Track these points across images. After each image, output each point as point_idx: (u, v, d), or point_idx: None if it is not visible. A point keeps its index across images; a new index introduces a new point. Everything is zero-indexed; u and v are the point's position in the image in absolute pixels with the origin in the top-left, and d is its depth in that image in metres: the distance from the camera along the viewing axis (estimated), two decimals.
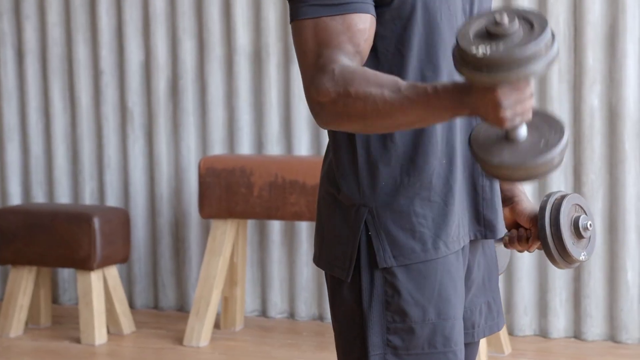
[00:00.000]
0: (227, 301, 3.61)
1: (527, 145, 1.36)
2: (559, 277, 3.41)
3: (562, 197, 1.61)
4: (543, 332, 3.46)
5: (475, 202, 1.57)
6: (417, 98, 1.36)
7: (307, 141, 3.69)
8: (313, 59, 1.43)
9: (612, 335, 3.38)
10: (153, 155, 3.88)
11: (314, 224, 3.69)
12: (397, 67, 1.49)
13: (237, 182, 3.45)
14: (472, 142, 1.40)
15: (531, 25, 1.33)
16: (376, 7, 1.47)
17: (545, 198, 1.62)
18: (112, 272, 3.57)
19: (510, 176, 1.38)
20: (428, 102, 1.36)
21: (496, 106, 1.32)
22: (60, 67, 3.98)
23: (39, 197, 4.05)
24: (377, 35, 1.48)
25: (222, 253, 3.46)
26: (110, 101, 3.93)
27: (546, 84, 3.38)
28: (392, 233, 1.48)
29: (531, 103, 1.35)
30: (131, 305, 3.90)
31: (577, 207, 1.63)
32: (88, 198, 3.97)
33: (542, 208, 1.60)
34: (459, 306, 1.51)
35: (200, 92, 3.82)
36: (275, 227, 3.75)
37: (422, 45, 1.49)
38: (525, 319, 3.46)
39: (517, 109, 1.33)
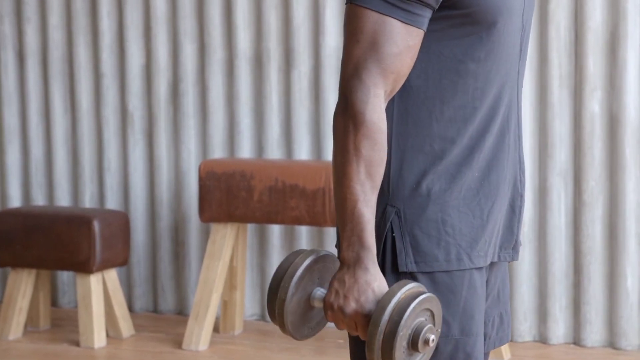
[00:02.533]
0: (226, 305, 3.60)
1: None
2: (559, 283, 3.41)
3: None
4: (542, 338, 3.46)
5: (511, 223, 1.56)
6: (355, 214, 1.40)
7: (307, 146, 3.69)
8: (360, 55, 1.42)
9: (612, 342, 3.38)
10: (153, 159, 3.88)
11: (313, 228, 3.70)
12: (450, 71, 1.48)
13: (237, 186, 3.45)
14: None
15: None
16: (445, 9, 1.45)
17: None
18: (112, 275, 3.57)
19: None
20: (350, 227, 1.41)
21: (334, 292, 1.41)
22: (61, 70, 3.98)
23: (38, 199, 4.04)
24: (437, 39, 1.46)
25: (222, 257, 3.46)
26: (110, 104, 3.93)
27: (547, 90, 3.39)
28: (417, 238, 1.46)
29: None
30: (130, 308, 3.89)
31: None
32: (88, 201, 3.97)
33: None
34: (481, 322, 1.50)
35: (200, 95, 3.82)
36: (275, 231, 3.75)
37: (489, 53, 1.49)
38: (525, 325, 3.46)
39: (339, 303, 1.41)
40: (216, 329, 3.63)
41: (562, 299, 3.42)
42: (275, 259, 3.75)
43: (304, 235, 3.73)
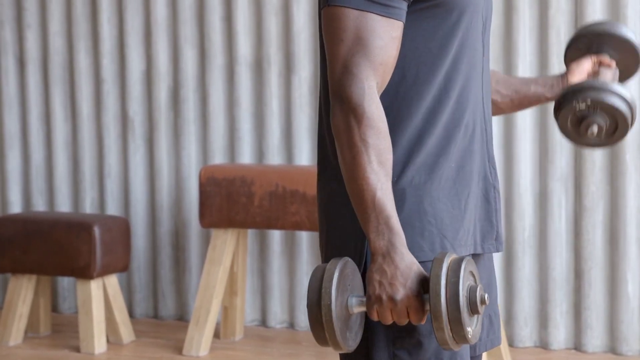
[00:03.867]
0: (226, 311, 3.60)
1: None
2: (560, 288, 3.41)
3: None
4: (543, 344, 3.46)
5: (489, 214, 1.57)
6: (375, 203, 1.41)
7: (307, 151, 3.69)
8: (346, 53, 1.44)
9: (613, 347, 3.37)
10: (154, 164, 3.88)
11: (314, 234, 3.70)
12: (430, 66, 1.50)
13: (237, 191, 3.45)
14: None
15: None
16: (415, 4, 1.48)
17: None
18: (112, 281, 3.57)
19: None
20: (374, 217, 1.41)
21: (375, 281, 1.40)
22: (62, 76, 3.98)
23: (39, 205, 4.04)
24: (409, 37, 1.49)
25: (222, 262, 3.46)
26: (111, 110, 3.93)
27: None
28: (401, 229, 1.46)
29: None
30: (131, 314, 3.89)
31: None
32: (88, 207, 3.97)
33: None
34: None
35: (201, 101, 3.82)
36: (276, 236, 3.75)
37: (458, 47, 1.52)
38: (526, 330, 3.45)
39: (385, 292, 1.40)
40: (216, 335, 3.63)
41: (563, 304, 3.42)
42: (276, 265, 3.75)
43: (304, 241, 3.73)
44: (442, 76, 1.50)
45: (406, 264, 1.39)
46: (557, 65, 3.36)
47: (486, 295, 1.39)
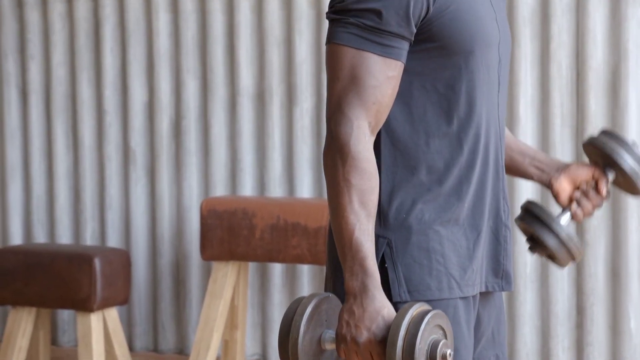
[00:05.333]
0: (227, 344, 3.58)
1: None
2: (562, 324, 3.39)
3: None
4: None
5: (497, 252, 1.57)
6: (352, 243, 1.42)
7: (309, 183, 3.69)
8: (340, 91, 1.46)
9: None
10: (155, 196, 3.88)
11: (315, 267, 3.69)
12: (432, 103, 1.50)
13: (239, 224, 3.45)
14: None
15: None
16: (419, 43, 1.47)
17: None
18: (112, 314, 3.55)
19: None
20: (350, 257, 1.42)
21: (344, 320, 1.41)
22: (64, 107, 3.99)
23: (40, 237, 4.04)
24: (415, 73, 1.49)
25: (223, 296, 3.45)
26: (113, 141, 3.93)
27: (549, 129, 3.38)
28: (409, 267, 1.48)
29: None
30: (131, 347, 3.87)
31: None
32: (89, 238, 3.97)
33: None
34: (466, 356, 1.50)
35: (203, 132, 3.82)
36: (277, 269, 3.74)
37: (468, 86, 1.51)
38: None
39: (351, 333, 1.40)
40: None
41: (565, 340, 3.39)
42: (277, 298, 3.73)
43: (305, 274, 3.72)
44: (453, 115, 1.50)
45: (375, 307, 1.39)
46: (558, 100, 3.36)
47: (449, 352, 1.37)
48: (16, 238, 4.07)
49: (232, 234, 3.45)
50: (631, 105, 3.29)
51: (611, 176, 1.70)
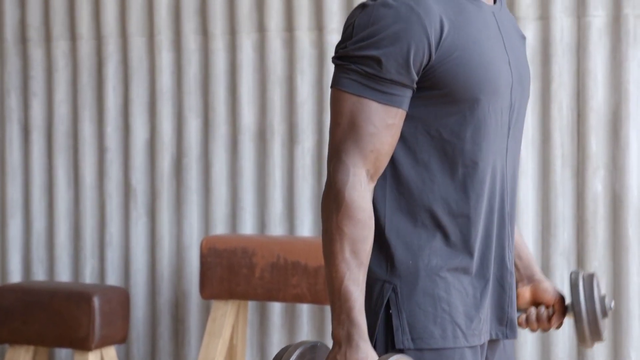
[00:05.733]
0: None
1: None
2: None
3: (591, 276, 1.58)
4: None
5: (502, 300, 1.56)
6: (342, 292, 1.42)
7: (309, 222, 3.68)
8: (340, 138, 1.46)
9: None
10: (155, 234, 3.87)
11: (315, 306, 3.67)
12: (436, 149, 1.49)
13: (238, 262, 3.43)
14: None
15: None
16: (423, 90, 1.47)
17: (573, 275, 1.59)
18: (110, 353, 3.53)
19: None
20: (338, 305, 1.43)
21: None
22: (66, 144, 4.00)
23: (39, 274, 4.03)
24: (419, 119, 1.48)
25: (222, 335, 3.43)
26: (114, 179, 3.94)
27: (549, 170, 3.38)
28: (413, 314, 1.46)
29: None
30: None
31: (598, 287, 1.62)
32: (88, 276, 3.95)
33: (575, 285, 1.58)
34: None
35: (204, 170, 3.82)
36: (276, 308, 3.72)
37: (473, 133, 1.50)
38: None
39: None
40: None
41: None
42: (276, 338, 3.71)
43: (305, 314, 3.70)
44: (458, 162, 1.49)
45: (358, 357, 1.39)
46: (559, 140, 3.36)
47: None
48: (15, 275, 4.06)
49: (232, 272, 3.44)
50: (632, 145, 3.29)
51: (569, 316, 1.72)
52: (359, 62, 1.45)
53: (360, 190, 1.43)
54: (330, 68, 3.61)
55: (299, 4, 3.66)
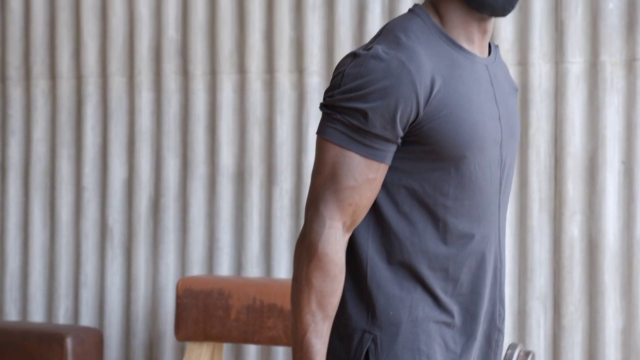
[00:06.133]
0: None
1: None
2: None
3: (527, 354, 1.53)
4: None
5: (487, 357, 1.55)
6: (304, 343, 1.43)
7: (287, 264, 3.67)
8: (320, 187, 1.45)
9: None
10: (131, 274, 3.84)
11: (290, 349, 3.63)
12: (425, 205, 1.48)
13: (214, 304, 3.41)
14: None
15: None
16: (410, 144, 1.46)
17: (509, 350, 1.55)
18: None
19: None
20: (299, 356, 1.43)
21: None
22: (42, 183, 3.98)
23: (12, 314, 3.98)
24: (406, 172, 1.47)
25: None
26: (90, 218, 3.91)
27: (526, 214, 3.38)
28: None
29: None
30: None
31: None
32: (62, 316, 3.91)
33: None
34: None
35: (181, 210, 3.81)
36: (252, 351, 3.68)
37: (458, 188, 1.49)
38: None
39: None
40: None
41: None
42: None
43: (280, 356, 3.66)
44: (439, 217, 1.48)
45: None
46: (536, 185, 3.37)
47: None
48: None
49: (208, 314, 3.41)
50: (608, 191, 3.30)
51: None
52: (345, 113, 1.43)
53: (334, 243, 1.42)
54: (310, 110, 3.62)
55: (279, 46, 3.67)
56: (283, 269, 3.67)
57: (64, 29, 3.96)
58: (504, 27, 3.39)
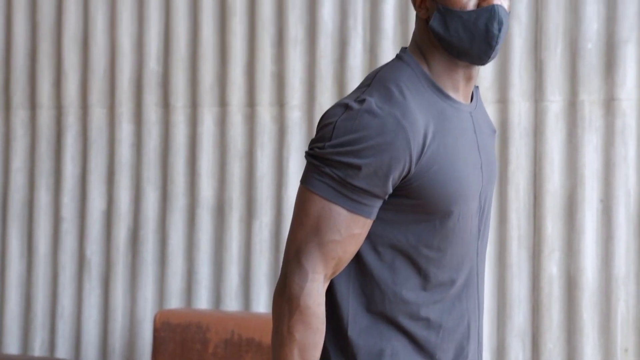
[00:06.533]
0: None
1: None
2: None
3: None
4: None
5: None
6: None
7: (265, 298, 3.65)
8: (302, 239, 1.43)
9: None
10: (108, 306, 3.81)
11: None
12: (409, 256, 1.48)
13: (192, 338, 3.39)
14: None
15: None
16: (397, 197, 1.46)
17: None
18: None
19: None
20: None
21: None
22: (20, 213, 3.95)
23: None
24: (391, 224, 1.46)
25: None
26: (68, 249, 3.88)
27: (505, 251, 3.39)
28: None
29: None
30: None
31: None
32: (38, 349, 3.87)
33: None
34: None
35: (160, 243, 3.79)
36: None
37: (441, 240, 1.49)
38: None
39: None
40: None
41: None
42: None
43: None
44: (422, 268, 1.47)
45: None
46: (515, 222, 3.39)
47: None
48: None
49: (185, 347, 3.39)
50: (587, 229, 3.32)
51: None
52: (335, 167, 1.42)
53: (316, 296, 1.41)
54: (291, 143, 3.63)
55: (260, 80, 3.68)
56: (262, 303, 3.65)
57: (45, 59, 3.95)
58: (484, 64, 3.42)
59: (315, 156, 1.44)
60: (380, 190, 1.42)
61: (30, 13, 3.97)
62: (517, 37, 3.40)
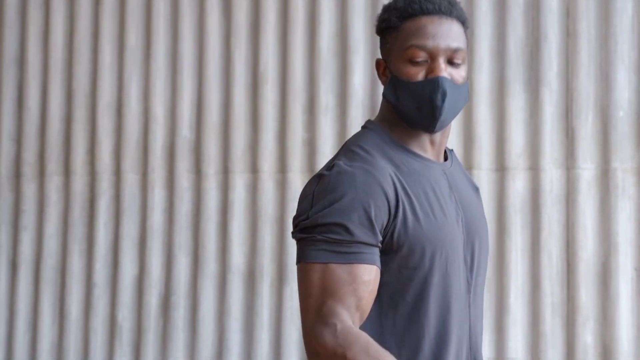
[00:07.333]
0: None
1: None
2: None
3: None
4: None
5: None
6: None
7: None
8: (316, 306, 1.45)
9: None
10: None
11: None
12: (401, 314, 1.50)
13: None
14: None
15: None
16: (382, 253, 1.50)
17: None
18: None
19: None
20: None
21: None
22: (53, 279, 3.97)
23: None
24: (382, 283, 1.50)
25: None
26: (100, 315, 3.89)
27: (539, 319, 3.36)
28: None
29: None
30: None
31: None
32: None
33: None
34: None
35: (191, 309, 3.79)
36: None
37: (431, 294, 1.51)
38: None
39: None
40: None
41: None
42: None
43: None
44: (405, 318, 1.51)
45: None
46: (548, 289, 3.36)
47: None
48: None
49: None
50: (622, 298, 3.29)
51: None
52: (325, 231, 1.46)
53: (348, 332, 1.42)
54: None
55: (292, 147, 3.71)
56: None
57: (80, 126, 4.00)
58: (515, 130, 3.43)
59: (303, 229, 1.48)
60: (372, 238, 1.47)
61: (66, 81, 4.04)
62: (548, 104, 3.42)
